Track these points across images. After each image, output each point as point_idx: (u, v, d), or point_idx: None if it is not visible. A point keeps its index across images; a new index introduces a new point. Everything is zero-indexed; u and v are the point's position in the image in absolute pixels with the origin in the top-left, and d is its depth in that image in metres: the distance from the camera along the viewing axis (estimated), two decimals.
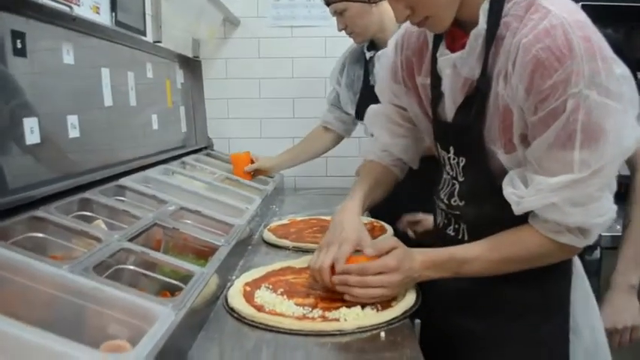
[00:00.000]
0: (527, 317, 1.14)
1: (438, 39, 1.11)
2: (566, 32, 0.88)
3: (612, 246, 1.99)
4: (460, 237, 1.17)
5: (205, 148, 2.57)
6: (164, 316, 0.86)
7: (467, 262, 1.06)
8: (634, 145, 0.93)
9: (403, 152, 1.35)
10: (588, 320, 1.23)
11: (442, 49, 1.08)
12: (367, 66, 2.08)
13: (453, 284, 1.12)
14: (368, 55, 2.05)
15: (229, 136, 2.73)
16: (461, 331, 1.18)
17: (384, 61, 1.31)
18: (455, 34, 1.05)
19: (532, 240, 1.02)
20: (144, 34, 2.00)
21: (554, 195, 0.94)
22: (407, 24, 1.10)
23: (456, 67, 1.04)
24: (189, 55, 2.55)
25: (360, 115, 2.07)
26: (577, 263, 1.22)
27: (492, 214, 1.07)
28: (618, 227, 2.09)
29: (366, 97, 2.04)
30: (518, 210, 1.00)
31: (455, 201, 1.16)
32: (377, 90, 1.38)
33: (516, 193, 0.99)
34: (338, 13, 1.93)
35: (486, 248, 1.05)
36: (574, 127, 0.90)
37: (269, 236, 1.60)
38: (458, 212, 1.16)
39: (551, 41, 0.88)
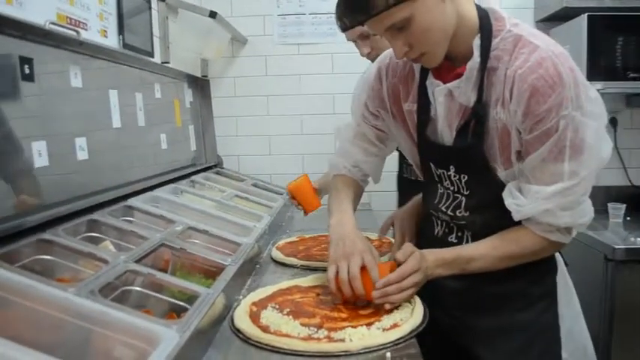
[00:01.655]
0: (532, 308, 1.26)
1: (424, 69, 1.22)
2: (555, 64, 1.03)
3: (626, 259, 1.98)
4: (464, 243, 1.27)
5: (215, 166, 2.58)
6: (168, 338, 0.86)
7: (473, 259, 1.18)
8: (608, 155, 1.10)
9: (372, 170, 1.46)
10: (569, 306, 1.39)
11: (431, 78, 1.20)
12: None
13: (459, 286, 1.25)
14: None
15: (238, 153, 2.74)
16: (468, 326, 1.29)
17: (364, 85, 1.39)
18: (443, 66, 1.16)
19: (528, 239, 1.16)
20: (152, 55, 2.02)
21: (549, 202, 1.09)
22: (391, 52, 1.21)
23: (452, 95, 1.16)
24: (198, 74, 2.58)
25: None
26: (559, 258, 1.37)
27: (495, 221, 1.19)
28: (632, 239, 2.09)
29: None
30: (518, 217, 1.14)
31: (460, 212, 1.25)
32: (352, 109, 1.44)
33: (516, 203, 1.13)
34: (364, 37, 1.88)
35: (489, 247, 1.19)
36: (564, 143, 1.05)
37: (277, 254, 1.60)
38: (463, 222, 1.26)
39: (544, 72, 1.03)
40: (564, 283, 1.38)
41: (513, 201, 1.13)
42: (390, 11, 1.02)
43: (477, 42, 1.11)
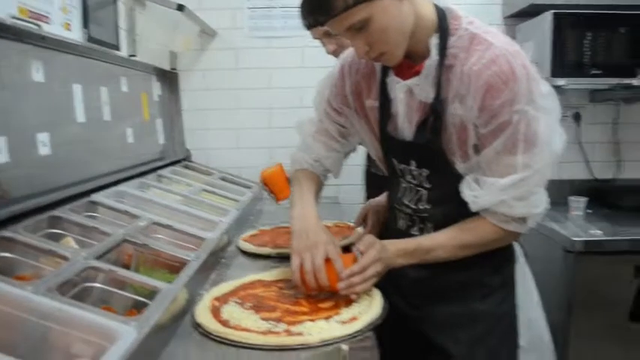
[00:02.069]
0: (492, 297, 1.31)
1: (385, 67, 1.25)
2: (508, 61, 1.07)
3: (584, 251, 2.05)
4: (424, 234, 1.31)
5: (183, 159, 2.57)
6: (126, 334, 0.87)
7: (432, 249, 1.22)
8: (561, 149, 1.15)
9: (332, 165, 1.49)
10: (528, 297, 1.49)
11: (392, 76, 1.24)
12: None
13: (420, 275, 1.30)
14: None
15: (208, 147, 2.74)
16: (429, 315, 1.33)
17: (327, 82, 1.42)
18: (403, 64, 1.19)
19: (485, 229, 1.20)
20: (118, 48, 2.01)
21: (504, 193, 1.13)
22: (353, 50, 1.22)
23: (411, 92, 1.20)
24: (167, 67, 2.56)
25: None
26: (518, 249, 1.42)
27: (456, 213, 1.23)
28: (591, 232, 2.16)
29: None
30: (475, 208, 1.19)
31: (422, 205, 1.30)
32: (314, 104, 1.48)
33: (473, 194, 1.17)
34: (328, 35, 1.88)
35: (448, 237, 1.22)
36: (517, 136, 1.10)
37: (248, 246, 1.61)
38: (426, 214, 1.30)
39: (498, 68, 1.07)
40: (523, 273, 1.44)
41: (470, 193, 1.18)
42: (348, 12, 1.04)
43: (434, 41, 1.15)
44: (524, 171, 1.11)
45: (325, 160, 1.47)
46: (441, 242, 1.22)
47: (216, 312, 1.11)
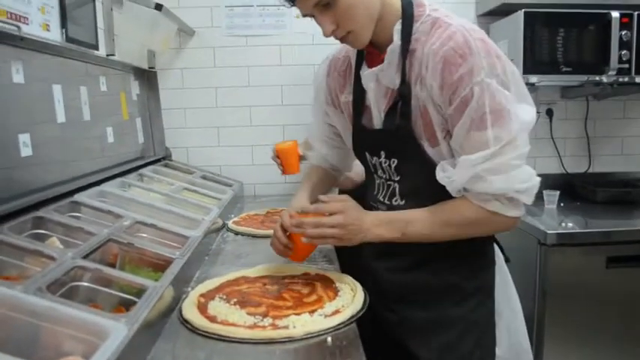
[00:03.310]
0: (466, 302, 1.29)
1: (359, 59, 1.30)
2: (464, 35, 1.09)
3: (557, 243, 2.11)
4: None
5: (164, 158, 2.58)
6: (117, 331, 0.89)
7: (411, 221, 1.21)
8: (532, 119, 1.13)
9: (338, 161, 1.58)
10: (508, 303, 1.42)
11: (364, 67, 1.28)
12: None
13: (397, 278, 1.33)
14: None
15: (187, 145, 2.74)
16: (405, 320, 1.33)
17: (316, 84, 1.48)
18: (373, 54, 1.25)
19: (466, 207, 1.17)
20: (96, 47, 2.00)
21: (476, 167, 1.10)
22: (338, 48, 1.31)
23: (378, 80, 1.24)
24: (145, 66, 2.56)
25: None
26: (499, 254, 1.41)
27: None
28: (563, 224, 2.22)
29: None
30: (452, 189, 1.17)
31: (396, 200, 1.31)
32: (312, 109, 1.54)
33: (447, 175, 1.16)
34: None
35: (429, 211, 1.20)
36: (483, 109, 1.08)
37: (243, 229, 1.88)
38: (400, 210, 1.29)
39: (454, 43, 1.09)
40: (504, 280, 1.41)
41: (444, 174, 1.16)
42: None
43: (397, 27, 1.18)
44: (496, 144, 1.08)
45: (329, 157, 1.57)
46: (421, 216, 1.20)
47: (202, 308, 1.14)
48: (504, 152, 1.09)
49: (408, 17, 1.17)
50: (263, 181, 2.74)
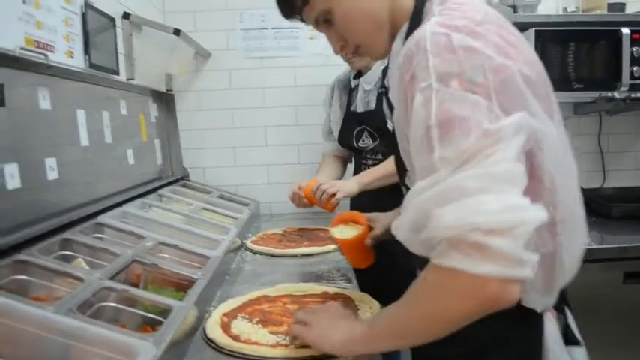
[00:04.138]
0: None
1: None
2: (423, 31, 0.86)
3: None
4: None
5: (182, 178, 2.62)
6: (146, 351, 0.92)
7: (378, 315, 1.01)
8: (502, 126, 0.77)
9: None
10: None
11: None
12: (351, 94, 2.18)
13: None
14: (353, 83, 2.16)
15: (204, 165, 2.79)
16: None
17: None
18: None
19: (425, 272, 0.81)
20: (117, 72, 2.06)
21: (420, 195, 0.80)
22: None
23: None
24: (163, 89, 2.62)
25: (341, 140, 2.19)
26: (551, 333, 1.01)
27: None
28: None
29: (348, 123, 2.15)
30: (398, 236, 0.87)
31: None
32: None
33: (394, 224, 0.88)
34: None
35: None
36: (428, 123, 0.81)
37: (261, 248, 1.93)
38: None
39: (412, 41, 0.87)
40: None
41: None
42: (308, 6, 1.03)
43: (403, 29, 1.00)
44: (442, 167, 0.78)
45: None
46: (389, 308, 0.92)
47: (226, 327, 1.17)
48: (457, 175, 0.76)
49: (416, 15, 0.97)
50: (279, 200, 2.77)
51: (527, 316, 0.97)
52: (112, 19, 2.05)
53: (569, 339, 1.05)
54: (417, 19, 0.96)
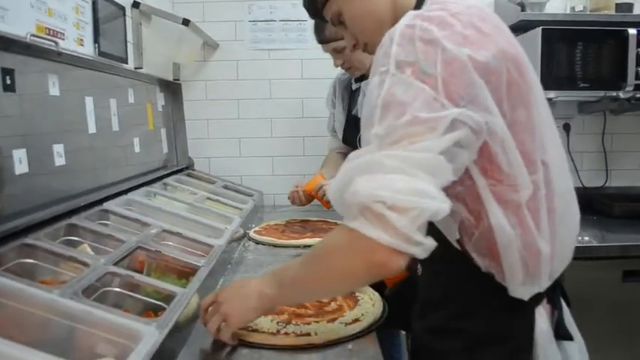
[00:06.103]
0: None
1: None
2: (399, 23, 0.90)
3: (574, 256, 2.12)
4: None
5: (186, 168, 2.64)
6: (149, 335, 0.94)
7: (287, 267, 1.05)
8: (435, 117, 0.82)
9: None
10: None
11: None
12: (353, 96, 2.19)
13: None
14: (354, 86, 2.17)
15: (209, 155, 2.81)
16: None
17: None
18: None
19: (334, 231, 0.92)
20: (125, 61, 2.08)
21: (347, 163, 0.87)
22: None
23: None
24: (170, 78, 2.64)
25: (345, 139, 2.21)
26: (542, 328, 1.04)
27: None
28: (580, 238, 2.24)
29: (350, 129, 2.17)
30: (329, 195, 0.94)
31: None
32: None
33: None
34: (336, 52, 2.01)
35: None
36: (376, 102, 0.86)
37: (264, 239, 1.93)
38: None
39: (386, 34, 0.92)
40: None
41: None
42: (325, 9, 1.14)
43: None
44: (375, 140, 0.85)
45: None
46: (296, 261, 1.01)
47: None
48: (381, 150, 0.83)
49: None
50: (283, 191, 2.78)
51: (519, 310, 1.02)
52: (122, 8, 2.06)
53: (561, 334, 1.08)
54: None
